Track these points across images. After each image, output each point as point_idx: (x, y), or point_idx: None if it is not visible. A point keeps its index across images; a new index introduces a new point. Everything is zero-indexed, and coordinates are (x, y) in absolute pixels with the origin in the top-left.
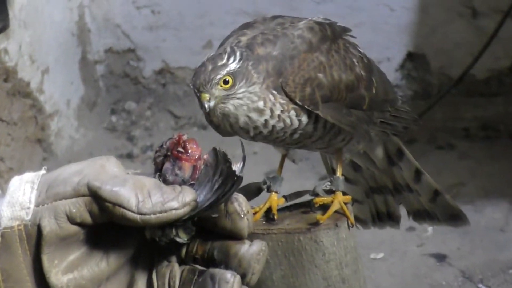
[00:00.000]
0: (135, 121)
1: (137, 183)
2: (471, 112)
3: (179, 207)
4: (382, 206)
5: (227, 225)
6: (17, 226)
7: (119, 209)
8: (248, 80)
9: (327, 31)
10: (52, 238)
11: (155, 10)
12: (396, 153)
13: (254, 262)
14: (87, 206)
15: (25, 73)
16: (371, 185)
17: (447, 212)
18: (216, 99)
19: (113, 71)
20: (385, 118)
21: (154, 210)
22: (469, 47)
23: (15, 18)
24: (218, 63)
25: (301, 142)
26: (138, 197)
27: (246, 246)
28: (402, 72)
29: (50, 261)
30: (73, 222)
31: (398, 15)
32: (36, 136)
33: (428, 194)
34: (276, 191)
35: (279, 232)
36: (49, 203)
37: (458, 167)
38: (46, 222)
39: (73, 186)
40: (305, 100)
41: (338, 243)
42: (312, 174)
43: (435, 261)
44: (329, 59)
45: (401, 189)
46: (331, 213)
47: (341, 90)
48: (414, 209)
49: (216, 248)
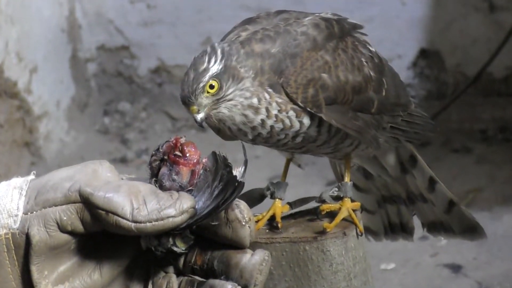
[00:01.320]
0: (129, 123)
1: (132, 189)
2: (489, 112)
3: (177, 215)
4: (395, 217)
5: (227, 233)
6: (4, 234)
7: (112, 216)
8: (235, 77)
9: (334, 28)
10: (41, 247)
11: (150, 4)
12: (409, 160)
13: (256, 273)
14: (79, 214)
15: (12, 72)
16: (383, 194)
17: (463, 224)
18: (205, 108)
19: (106, 69)
20: (396, 123)
21: (150, 218)
22: (486, 43)
23: (1, 13)
24: (199, 68)
25: (305, 146)
26: (133, 204)
27: (248, 256)
28: (414, 70)
29: (39, 272)
30: (63, 230)
31: (410, 9)
32: (24, 139)
33: (442, 204)
34: (280, 197)
35: (283, 241)
36: (38, 210)
37: (475, 171)
38: (35, 230)
39: (64, 193)
40: (308, 102)
41: (346, 253)
42: (319, 179)
43: (450, 272)
44: (335, 58)
45: (415, 198)
46: (338, 221)
47: (347, 92)
48: (429, 221)
49: (216, 258)
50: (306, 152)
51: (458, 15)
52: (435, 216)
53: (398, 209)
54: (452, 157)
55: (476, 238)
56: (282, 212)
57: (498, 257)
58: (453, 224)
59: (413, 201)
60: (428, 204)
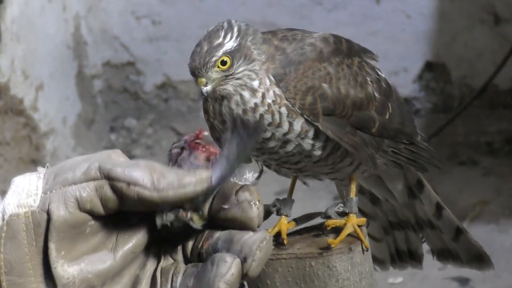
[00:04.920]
0: (135, 139)
1: (149, 165)
2: (495, 125)
3: (197, 182)
4: (403, 244)
5: (237, 214)
6: (24, 213)
7: (133, 188)
8: (247, 57)
9: (342, 45)
10: (61, 224)
11: (155, 20)
12: (416, 185)
13: (255, 248)
14: (98, 191)
15: (18, 90)
16: (390, 219)
17: (470, 252)
18: (213, 82)
19: (112, 86)
20: (398, 149)
21: (171, 186)
22: (492, 55)
23: (7, 31)
24: (214, 42)
25: (301, 162)
26: (152, 176)
27: (250, 233)
28: (420, 83)
29: (57, 250)
30: (83, 208)
31: (415, 22)
32: (30, 156)
33: (450, 232)
34: (286, 214)
35: (289, 257)
36: (58, 189)
37: (482, 184)
38: (55, 207)
39: (83, 171)
40: (305, 109)
41: (352, 268)
42: (326, 193)
43: (457, 285)
44: (338, 71)
45: (423, 225)
46: (344, 237)
47: (346, 105)
48: (438, 248)
49: (220, 238)
50: (304, 170)
51: (463, 28)
52: (443, 244)
53: (406, 235)
54: (458, 170)
55: (483, 267)
56: (288, 228)
57: (506, 269)
58: (460, 252)
59: (422, 227)
60: (436, 231)
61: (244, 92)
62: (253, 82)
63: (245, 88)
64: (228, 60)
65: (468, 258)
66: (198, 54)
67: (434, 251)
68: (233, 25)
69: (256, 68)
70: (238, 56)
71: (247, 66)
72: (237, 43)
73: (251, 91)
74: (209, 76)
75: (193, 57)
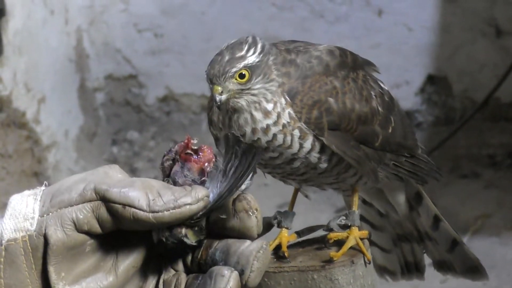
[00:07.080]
0: (137, 152)
1: (146, 184)
2: (497, 138)
3: (193, 202)
4: (410, 255)
5: (235, 225)
6: (21, 238)
7: (129, 209)
8: (267, 76)
9: (347, 58)
10: (59, 247)
11: (157, 33)
12: (415, 197)
13: (253, 259)
14: (95, 212)
15: (20, 103)
16: (397, 232)
17: (465, 263)
18: (229, 93)
19: (114, 99)
20: (400, 162)
21: (167, 207)
22: (494, 68)
23: (9, 44)
24: (236, 54)
25: (307, 173)
26: (148, 196)
27: (247, 243)
28: (422, 96)
29: (57, 273)
30: (80, 230)
31: (417, 35)
32: (33, 169)
33: (446, 243)
34: (287, 227)
35: (291, 270)
36: (54, 211)
37: (484, 197)
38: (52, 230)
39: (79, 192)
40: (311, 123)
41: (354, 281)
42: (327, 206)
43: None
44: (344, 85)
45: (424, 237)
46: (346, 250)
47: (351, 120)
48: (436, 259)
49: (218, 249)
50: (308, 181)
51: (465, 41)
52: (440, 255)
53: (411, 247)
54: (460, 182)
55: (478, 278)
56: (288, 241)
57: (507, 282)
58: (455, 263)
59: (423, 239)
60: (433, 243)
61: (256, 112)
62: (268, 104)
63: (258, 107)
64: (247, 74)
65: (463, 269)
66: (218, 63)
67: (434, 262)
68: (257, 41)
69: (273, 88)
70: (258, 72)
71: (265, 85)
72: (259, 59)
73: (264, 113)
74: (226, 86)
75: (212, 65)
